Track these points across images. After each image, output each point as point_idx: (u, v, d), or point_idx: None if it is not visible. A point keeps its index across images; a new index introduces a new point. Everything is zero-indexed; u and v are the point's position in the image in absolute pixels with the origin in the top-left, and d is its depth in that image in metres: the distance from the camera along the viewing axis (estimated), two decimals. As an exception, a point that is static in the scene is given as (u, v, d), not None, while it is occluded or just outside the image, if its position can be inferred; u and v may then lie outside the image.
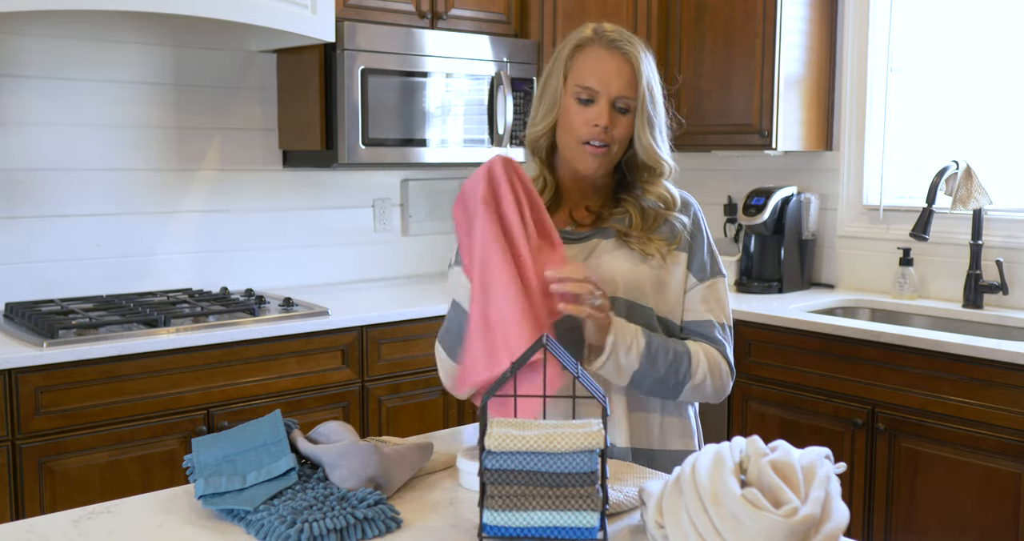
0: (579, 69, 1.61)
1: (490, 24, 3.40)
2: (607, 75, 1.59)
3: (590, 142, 1.60)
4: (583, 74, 1.60)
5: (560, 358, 1.31)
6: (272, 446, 1.42)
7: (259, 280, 3.35)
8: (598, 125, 1.58)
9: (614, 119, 1.60)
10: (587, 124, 1.59)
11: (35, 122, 2.88)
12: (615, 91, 1.59)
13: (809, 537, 1.08)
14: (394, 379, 2.98)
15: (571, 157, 1.64)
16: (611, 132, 1.60)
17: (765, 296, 3.39)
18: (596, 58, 1.61)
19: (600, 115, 1.59)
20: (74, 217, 2.97)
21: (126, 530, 1.30)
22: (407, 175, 3.67)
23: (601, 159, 1.61)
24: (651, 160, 1.63)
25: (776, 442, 1.23)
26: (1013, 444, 2.49)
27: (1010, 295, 3.05)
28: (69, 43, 2.92)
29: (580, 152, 1.61)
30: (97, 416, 2.46)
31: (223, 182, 3.26)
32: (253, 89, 3.29)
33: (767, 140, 3.36)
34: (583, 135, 1.60)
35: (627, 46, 1.61)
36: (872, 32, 3.42)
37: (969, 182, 3.01)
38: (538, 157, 1.69)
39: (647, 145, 1.61)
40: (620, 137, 1.61)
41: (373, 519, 1.27)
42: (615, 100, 1.59)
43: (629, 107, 1.60)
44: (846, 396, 2.83)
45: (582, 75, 1.60)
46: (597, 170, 1.63)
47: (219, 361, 2.64)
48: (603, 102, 1.59)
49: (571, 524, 1.21)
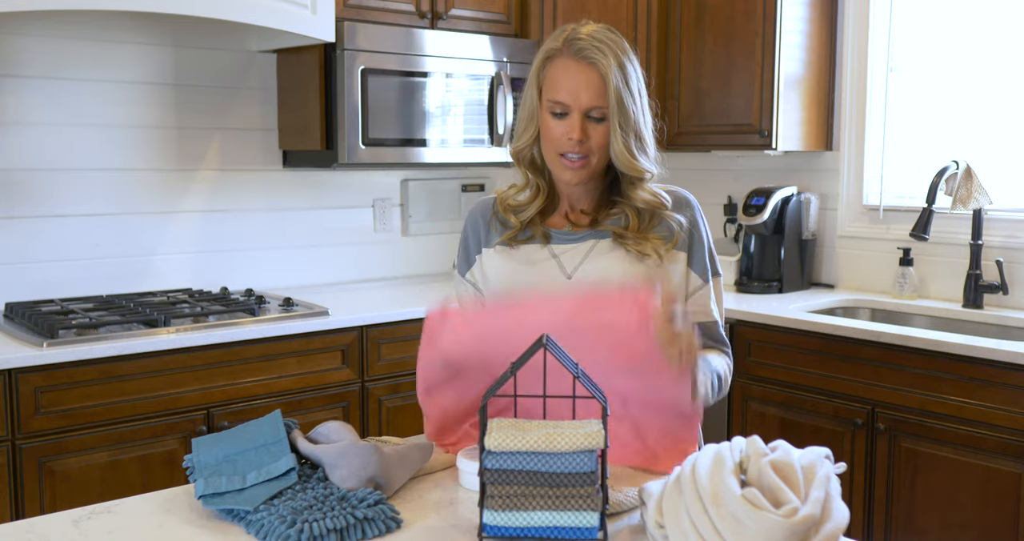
0: (550, 82, 1.60)
1: (490, 24, 3.40)
2: (576, 88, 1.57)
3: (566, 155, 1.60)
4: (553, 88, 1.60)
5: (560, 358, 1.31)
6: (272, 446, 1.42)
7: (259, 280, 3.35)
8: (572, 138, 1.58)
9: (588, 129, 1.58)
10: (563, 138, 1.59)
11: (35, 122, 2.88)
12: (585, 103, 1.58)
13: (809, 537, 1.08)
14: (394, 379, 2.98)
15: (553, 169, 1.65)
16: (587, 143, 1.59)
17: (765, 296, 3.39)
18: (564, 70, 1.59)
19: (572, 128, 1.58)
20: (74, 217, 2.97)
21: (126, 530, 1.30)
22: (407, 175, 3.67)
23: (581, 172, 1.61)
24: (626, 168, 1.62)
25: (776, 442, 1.23)
26: (1013, 444, 2.49)
27: (1010, 295, 3.05)
28: (69, 43, 2.92)
29: (559, 165, 1.62)
30: (97, 416, 2.46)
31: (223, 182, 3.26)
32: (253, 89, 3.29)
33: (767, 140, 3.36)
34: (560, 148, 1.60)
35: (595, 55, 1.57)
36: (872, 32, 3.42)
37: (969, 182, 3.01)
38: (525, 167, 1.69)
39: (619, 153, 1.60)
40: (598, 146, 1.60)
41: (373, 519, 1.27)
42: (587, 111, 1.58)
43: (604, 115, 1.59)
44: (846, 396, 2.83)
45: (553, 89, 1.60)
46: (580, 182, 1.63)
47: (219, 361, 2.64)
48: (575, 115, 1.58)
49: (571, 524, 1.21)
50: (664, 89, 3.63)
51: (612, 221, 1.66)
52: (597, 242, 1.64)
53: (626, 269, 1.60)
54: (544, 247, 1.65)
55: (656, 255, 1.61)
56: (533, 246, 1.66)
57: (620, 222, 1.65)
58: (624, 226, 1.64)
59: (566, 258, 1.63)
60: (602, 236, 1.64)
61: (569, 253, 1.63)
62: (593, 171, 1.63)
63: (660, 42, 3.61)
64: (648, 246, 1.61)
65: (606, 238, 1.64)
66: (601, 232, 1.65)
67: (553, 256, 1.64)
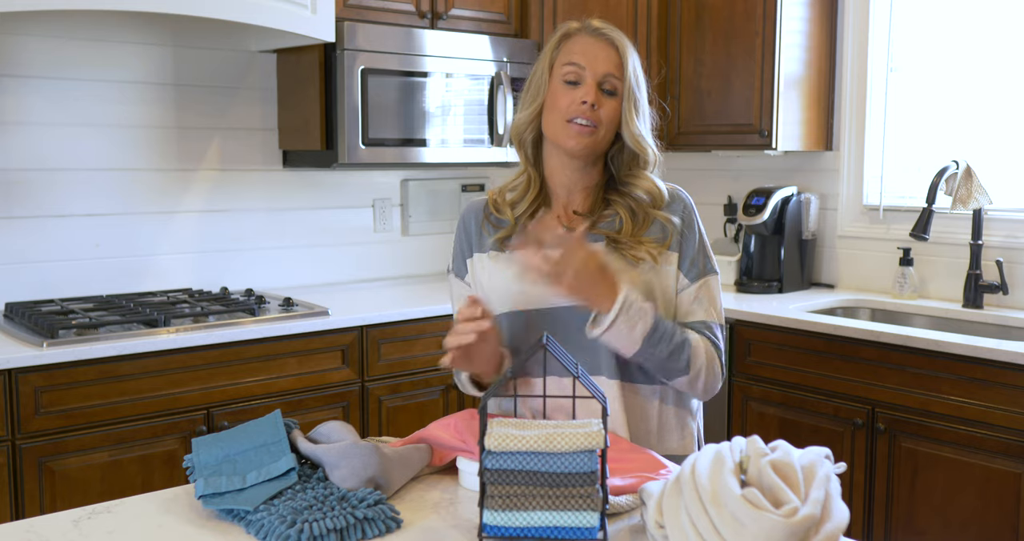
0: (566, 53, 1.62)
1: (490, 24, 3.40)
2: (594, 54, 1.60)
3: (575, 120, 1.59)
4: (570, 54, 1.62)
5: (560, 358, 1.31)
6: (272, 446, 1.42)
7: (259, 280, 3.35)
8: (585, 102, 1.58)
9: (600, 99, 1.60)
10: (574, 103, 1.59)
11: (35, 122, 2.88)
12: (602, 68, 1.59)
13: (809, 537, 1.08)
14: (394, 379, 2.98)
15: (556, 136, 1.62)
16: (598, 112, 1.59)
17: (765, 296, 3.39)
18: (582, 43, 1.62)
19: (587, 93, 1.59)
20: (74, 217, 2.97)
21: (126, 530, 1.30)
22: (407, 175, 3.67)
23: (587, 139, 1.60)
24: (637, 147, 1.62)
25: (776, 442, 1.23)
26: (1013, 444, 2.49)
27: (1010, 295, 3.05)
28: (69, 43, 2.92)
29: (565, 130, 1.60)
30: (97, 416, 2.46)
31: (223, 182, 3.26)
32: (253, 89, 3.29)
33: (767, 140, 3.36)
34: (569, 113, 1.60)
35: (613, 34, 1.63)
36: (872, 32, 3.42)
37: (969, 182, 3.01)
38: (523, 151, 1.69)
39: (635, 131, 1.61)
40: (607, 119, 1.60)
41: (373, 519, 1.27)
42: (602, 81, 1.60)
43: (616, 89, 1.60)
44: (846, 396, 2.83)
45: (568, 55, 1.62)
46: (583, 151, 1.61)
47: (219, 361, 2.64)
48: (590, 82, 1.60)
49: (571, 524, 1.21)
50: (664, 89, 3.63)
51: (606, 223, 1.65)
52: None
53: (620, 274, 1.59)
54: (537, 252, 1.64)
55: (651, 257, 1.61)
56: None
57: (614, 225, 1.65)
58: (617, 229, 1.63)
59: None
60: (595, 240, 1.63)
61: None
62: (597, 146, 1.62)
63: (660, 42, 3.61)
64: (642, 250, 1.60)
65: (599, 242, 1.63)
66: (594, 236, 1.64)
67: None
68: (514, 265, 1.46)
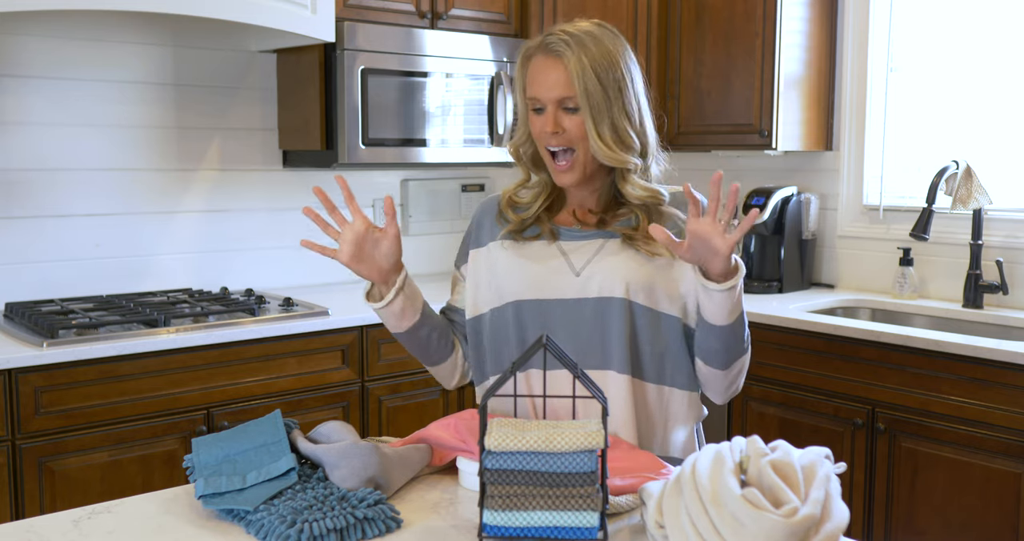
0: (529, 81, 1.63)
1: (490, 24, 3.40)
2: (545, 82, 1.59)
3: (549, 148, 1.61)
4: (529, 86, 1.62)
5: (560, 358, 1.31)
6: (272, 446, 1.42)
7: (259, 280, 3.35)
8: (547, 131, 1.59)
9: (563, 120, 1.59)
10: (543, 131, 1.61)
11: (35, 122, 2.88)
12: (554, 93, 1.58)
13: (809, 537, 1.08)
14: (394, 379, 2.98)
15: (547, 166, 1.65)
16: (565, 135, 1.59)
17: (765, 296, 3.39)
18: (535, 68, 1.61)
19: (546, 122, 1.59)
20: (74, 217, 2.97)
21: (126, 530, 1.30)
22: (407, 175, 3.67)
23: (571, 173, 1.61)
24: (604, 158, 1.60)
25: (776, 442, 1.23)
26: (1013, 444, 2.49)
27: (1010, 295, 3.05)
28: (69, 43, 2.92)
29: (551, 163, 1.63)
30: (97, 416, 2.46)
31: (223, 182, 3.26)
32: (253, 89, 3.29)
33: (767, 140, 3.36)
34: (541, 141, 1.62)
35: (560, 48, 1.58)
36: (872, 32, 3.42)
37: (969, 182, 3.01)
38: (524, 164, 1.70)
39: (595, 145, 1.58)
40: (577, 136, 1.59)
41: (373, 519, 1.27)
42: (559, 103, 1.59)
43: (577, 105, 1.59)
44: (846, 396, 2.83)
45: (529, 87, 1.62)
46: (575, 183, 1.63)
47: (219, 361, 2.64)
48: (549, 109, 1.60)
49: (571, 524, 1.21)
50: (664, 89, 3.63)
51: (621, 222, 1.65)
52: (606, 241, 1.63)
53: (636, 268, 1.59)
54: (552, 244, 1.65)
55: (668, 253, 1.60)
56: (541, 242, 1.66)
57: (630, 223, 1.65)
58: (634, 227, 1.64)
59: (575, 255, 1.62)
60: (611, 236, 1.63)
61: (578, 251, 1.63)
62: (585, 169, 1.62)
63: (660, 42, 3.61)
64: (658, 245, 1.60)
65: (615, 238, 1.63)
66: (610, 232, 1.64)
67: (562, 253, 1.63)
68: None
